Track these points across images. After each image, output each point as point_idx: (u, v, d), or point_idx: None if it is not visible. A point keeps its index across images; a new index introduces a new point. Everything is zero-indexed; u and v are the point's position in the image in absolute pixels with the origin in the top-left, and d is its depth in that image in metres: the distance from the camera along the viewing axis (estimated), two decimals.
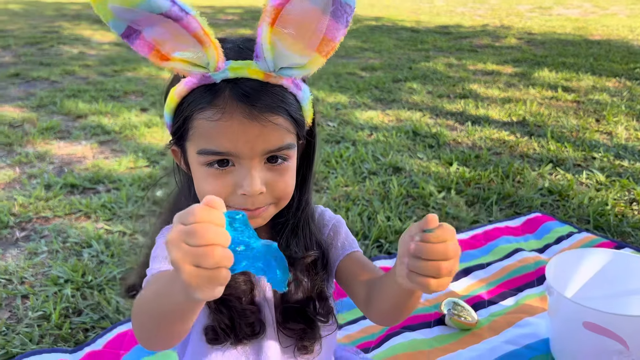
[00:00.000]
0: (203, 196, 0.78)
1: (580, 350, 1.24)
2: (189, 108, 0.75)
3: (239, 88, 0.73)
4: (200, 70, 0.72)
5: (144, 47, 0.70)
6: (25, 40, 6.27)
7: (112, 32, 0.68)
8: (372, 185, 2.36)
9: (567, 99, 3.81)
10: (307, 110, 0.80)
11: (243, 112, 0.72)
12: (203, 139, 0.75)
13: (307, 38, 0.70)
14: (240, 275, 0.84)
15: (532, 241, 1.92)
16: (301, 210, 0.88)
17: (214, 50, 0.70)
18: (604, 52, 5.52)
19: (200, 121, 0.74)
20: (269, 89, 0.74)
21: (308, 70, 0.74)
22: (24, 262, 1.79)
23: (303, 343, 0.89)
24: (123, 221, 2.07)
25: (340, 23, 0.70)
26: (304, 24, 0.70)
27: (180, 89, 0.75)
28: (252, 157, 0.75)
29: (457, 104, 3.70)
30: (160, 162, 2.65)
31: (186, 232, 0.53)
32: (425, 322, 1.47)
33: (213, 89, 0.73)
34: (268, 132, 0.74)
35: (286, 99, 0.76)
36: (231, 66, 0.72)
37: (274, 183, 0.78)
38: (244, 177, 0.75)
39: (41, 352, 1.34)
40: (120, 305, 1.56)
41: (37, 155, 2.75)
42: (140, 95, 3.98)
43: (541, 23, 7.88)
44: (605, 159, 2.66)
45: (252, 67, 0.73)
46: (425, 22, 8.20)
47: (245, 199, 0.77)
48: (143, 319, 0.70)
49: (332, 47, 0.72)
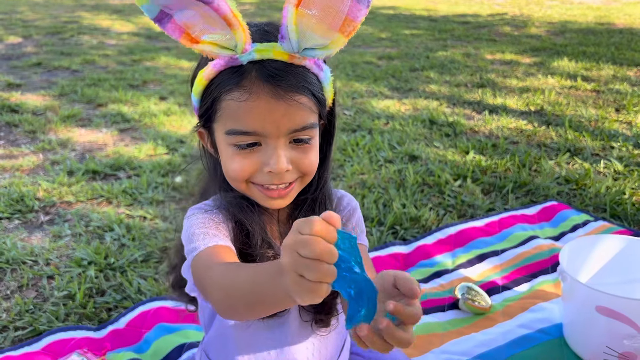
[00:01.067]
0: (230, 175, 0.82)
1: (592, 335, 1.26)
2: (217, 90, 0.78)
3: (265, 69, 0.75)
4: (228, 53, 0.75)
5: (175, 30, 0.73)
6: (46, 30, 6.37)
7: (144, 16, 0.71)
8: (388, 173, 2.37)
9: (587, 89, 3.76)
10: (328, 90, 0.83)
11: (269, 92, 0.75)
12: (231, 119, 0.78)
13: (330, 19, 0.72)
14: (270, 250, 0.87)
15: (547, 229, 1.92)
16: (320, 188, 0.91)
17: (242, 33, 0.73)
18: (625, 41, 5.43)
19: (228, 102, 0.77)
20: (293, 70, 0.77)
21: (331, 50, 0.76)
22: (48, 244, 1.85)
23: (320, 317, 0.92)
24: (144, 206, 2.12)
25: (362, 3, 0.72)
26: (328, 5, 0.72)
27: (208, 71, 0.78)
28: (278, 136, 0.78)
29: (475, 93, 3.68)
30: (180, 149, 2.69)
31: (300, 241, 0.53)
32: (439, 306, 1.49)
33: (240, 71, 0.76)
34: (293, 112, 0.77)
35: (309, 79, 0.78)
36: (257, 48, 0.75)
37: (299, 160, 0.81)
38: (271, 156, 0.78)
39: (67, 329, 1.39)
40: (142, 286, 1.60)
41: (59, 142, 2.81)
42: (159, 84, 4.03)
43: (562, 12, 7.77)
44: (624, 149, 2.64)
45: (277, 49, 0.75)
46: (443, 11, 8.13)
47: (271, 176, 0.80)
48: (233, 301, 0.71)
49: (353, 27, 0.74)
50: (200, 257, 0.80)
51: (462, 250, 1.77)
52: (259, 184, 0.82)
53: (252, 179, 0.82)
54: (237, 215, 0.87)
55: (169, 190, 2.24)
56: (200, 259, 0.80)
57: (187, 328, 1.38)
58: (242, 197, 0.87)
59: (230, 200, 0.87)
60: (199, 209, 0.88)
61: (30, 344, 1.34)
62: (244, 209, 0.87)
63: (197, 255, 0.80)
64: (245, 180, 0.82)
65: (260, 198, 0.84)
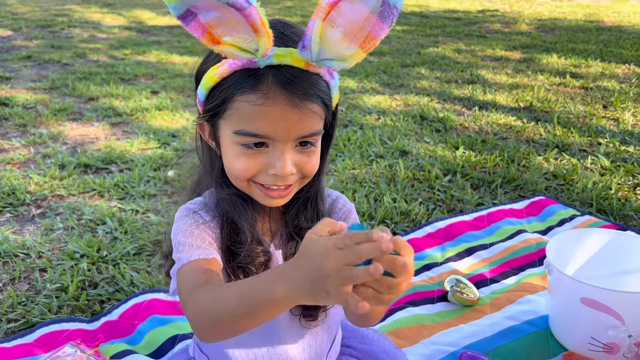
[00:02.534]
0: (233, 173, 0.84)
1: (577, 326, 1.29)
2: (230, 89, 0.78)
3: (282, 75, 0.76)
4: (247, 55, 0.75)
5: (198, 29, 0.73)
6: (36, 23, 6.32)
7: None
8: (379, 168, 2.40)
9: (575, 86, 3.81)
10: (335, 96, 0.85)
11: (285, 99, 0.76)
12: (243, 120, 0.78)
13: (354, 35, 0.74)
14: (259, 246, 0.88)
15: (535, 223, 1.95)
16: (313, 187, 0.92)
17: (266, 39, 0.73)
18: (614, 38, 5.49)
19: (242, 103, 0.77)
20: (308, 77, 0.78)
21: (348, 63, 0.77)
22: (40, 237, 1.85)
23: (309, 311, 0.93)
24: (135, 200, 2.12)
25: (386, 23, 0.73)
26: (353, 22, 0.73)
27: (223, 69, 0.78)
28: (287, 141, 0.79)
29: (465, 90, 3.71)
30: (172, 143, 2.70)
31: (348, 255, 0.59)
32: (428, 298, 1.52)
33: (256, 74, 0.76)
34: (305, 119, 0.78)
35: (321, 86, 0.80)
36: (275, 53, 0.75)
37: (303, 164, 0.83)
38: (277, 159, 0.79)
39: (60, 321, 1.40)
40: (135, 278, 1.61)
41: (50, 135, 2.81)
42: (151, 78, 4.02)
43: (551, 9, 7.83)
44: (610, 145, 2.68)
45: (295, 55, 0.76)
46: (435, 7, 8.16)
47: (275, 178, 0.81)
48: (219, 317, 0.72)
49: (373, 44, 0.75)
50: (183, 271, 0.82)
51: (451, 244, 1.80)
52: (260, 183, 0.83)
53: (255, 178, 0.83)
54: (228, 214, 0.88)
55: (161, 183, 2.25)
56: (183, 273, 0.82)
57: (180, 320, 1.39)
58: (236, 194, 0.88)
59: (223, 197, 0.88)
60: (187, 210, 0.89)
61: (23, 336, 1.35)
62: (237, 206, 0.88)
63: (181, 268, 0.83)
64: (248, 179, 0.83)
65: (260, 197, 0.85)
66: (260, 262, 0.88)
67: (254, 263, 0.88)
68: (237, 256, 0.87)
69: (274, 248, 0.92)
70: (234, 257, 0.87)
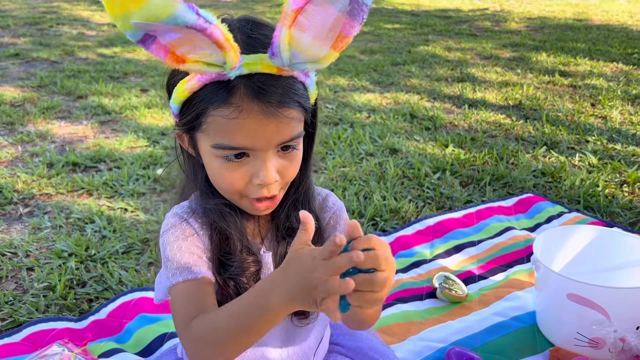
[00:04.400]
0: (222, 188, 0.83)
1: (564, 321, 1.30)
2: (202, 104, 0.76)
3: (254, 84, 0.74)
4: (215, 70, 0.73)
5: (160, 51, 0.70)
6: (24, 20, 6.26)
7: None
8: (369, 166, 2.40)
9: (564, 84, 3.84)
10: (313, 93, 0.83)
11: (259, 110, 0.74)
12: (219, 134, 0.76)
13: (324, 37, 0.72)
14: (249, 256, 0.87)
15: (523, 220, 1.97)
16: (302, 187, 0.91)
17: (233, 54, 0.70)
18: (602, 37, 5.53)
19: (216, 118, 0.75)
20: (282, 83, 0.76)
21: (321, 64, 0.75)
22: (28, 236, 1.84)
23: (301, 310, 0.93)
24: (124, 198, 2.11)
25: (356, 21, 0.71)
26: (322, 24, 0.71)
27: (192, 84, 0.76)
28: (267, 149, 0.78)
29: (455, 88, 3.73)
30: (161, 141, 2.69)
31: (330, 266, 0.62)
32: (417, 295, 1.52)
33: (228, 86, 0.74)
34: (283, 127, 0.76)
35: (297, 90, 0.78)
36: (245, 62, 0.73)
37: (285, 170, 0.82)
38: (260, 168, 0.78)
39: (47, 320, 1.39)
40: (123, 277, 1.61)
41: (38, 134, 2.79)
42: (140, 76, 4.00)
43: (541, 8, 7.87)
44: (598, 142, 2.70)
45: (266, 62, 0.74)
46: (425, 5, 8.18)
47: (260, 187, 0.80)
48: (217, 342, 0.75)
49: (346, 42, 0.73)
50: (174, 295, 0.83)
51: (440, 241, 1.81)
52: (248, 195, 0.82)
53: (243, 191, 0.82)
54: (216, 223, 0.86)
55: (151, 182, 2.24)
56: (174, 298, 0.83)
57: (168, 318, 1.39)
58: (223, 204, 0.87)
59: (210, 208, 0.87)
60: (175, 217, 0.88)
61: (10, 335, 1.34)
62: (225, 215, 0.86)
63: (172, 289, 0.83)
64: (238, 192, 0.82)
65: (248, 208, 0.85)
66: (251, 272, 0.88)
67: (245, 274, 0.87)
68: (228, 267, 0.86)
69: (265, 250, 0.91)
70: (224, 268, 0.87)
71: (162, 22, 0.63)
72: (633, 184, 2.23)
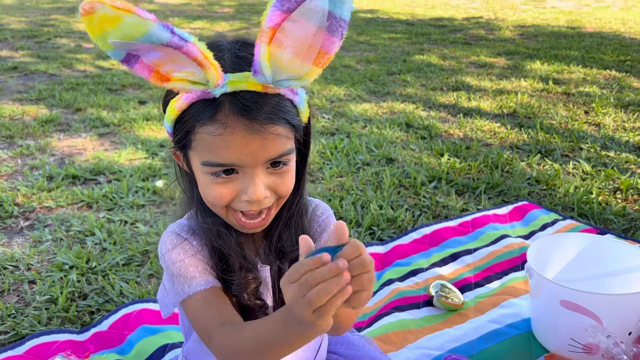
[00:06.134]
0: (210, 201, 0.84)
1: (558, 328, 1.32)
2: (191, 122, 0.78)
3: (239, 102, 0.75)
4: (200, 87, 0.74)
5: (144, 69, 0.72)
6: (22, 33, 6.30)
7: None
8: (366, 176, 2.43)
9: (558, 91, 3.88)
10: (303, 111, 0.84)
11: (244, 126, 0.75)
12: (206, 151, 0.78)
13: (304, 53, 0.73)
14: (249, 274, 0.89)
15: (518, 228, 2.00)
16: (295, 204, 0.92)
17: (213, 71, 0.72)
18: (595, 44, 5.59)
19: (203, 135, 0.77)
20: (268, 100, 0.77)
21: (305, 81, 0.76)
22: (29, 249, 1.86)
23: None
24: (124, 210, 2.14)
25: (336, 37, 0.72)
26: (301, 41, 0.72)
27: (180, 103, 0.78)
28: (255, 166, 0.79)
29: (450, 97, 3.77)
30: (160, 153, 2.71)
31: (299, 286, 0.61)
32: (414, 303, 1.55)
33: (213, 103, 0.76)
34: (269, 143, 0.77)
35: (284, 107, 0.78)
36: (230, 80, 0.75)
37: (276, 186, 0.82)
38: (248, 185, 0.79)
39: (50, 333, 1.41)
40: (124, 289, 1.63)
41: (38, 147, 2.81)
42: (138, 88, 4.04)
43: (535, 16, 7.95)
44: (592, 150, 2.74)
45: (250, 80, 0.75)
46: (420, 15, 8.25)
47: (249, 203, 0.81)
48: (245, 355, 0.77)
49: (327, 58, 0.74)
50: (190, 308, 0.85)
51: (436, 249, 1.83)
52: (237, 209, 0.83)
53: (231, 205, 0.83)
54: (213, 242, 0.88)
55: (150, 194, 2.27)
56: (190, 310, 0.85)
57: (170, 329, 1.41)
58: (218, 223, 0.88)
59: (206, 228, 0.89)
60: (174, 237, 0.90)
61: (13, 348, 1.36)
62: (221, 235, 0.88)
63: (186, 302, 0.85)
64: (225, 207, 0.83)
65: (236, 226, 0.86)
66: (252, 289, 0.89)
67: (247, 291, 0.89)
68: (230, 284, 0.88)
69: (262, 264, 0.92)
70: (226, 285, 0.89)
71: (138, 40, 0.65)
72: (626, 191, 2.27)
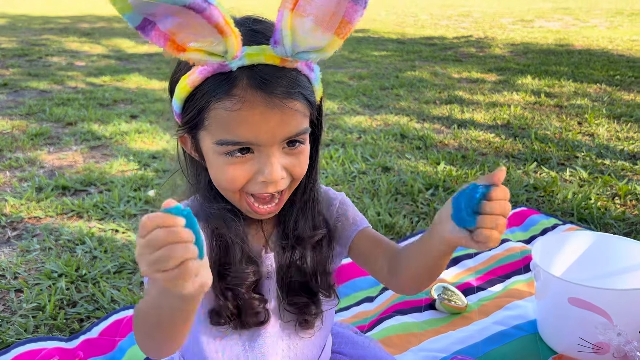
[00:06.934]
0: (223, 185, 0.79)
1: (566, 327, 1.28)
2: (205, 98, 0.74)
3: (257, 75, 0.72)
4: (216, 59, 0.70)
5: (160, 38, 0.68)
6: (13, 52, 6.27)
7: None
8: (362, 184, 2.40)
9: (550, 104, 3.90)
10: (318, 90, 0.81)
11: (263, 101, 0.72)
12: (222, 129, 0.74)
13: (326, 22, 0.70)
14: (250, 266, 0.85)
15: (518, 233, 1.96)
16: (309, 189, 0.88)
17: (234, 40, 0.68)
18: (584, 61, 5.65)
19: (219, 111, 0.73)
20: (285, 74, 0.74)
21: (325, 53, 0.73)
22: (16, 258, 1.80)
23: (305, 317, 0.89)
24: (115, 220, 2.08)
25: (359, 5, 0.69)
26: (324, 8, 0.69)
27: (194, 77, 0.74)
28: (272, 144, 0.75)
29: (443, 109, 3.77)
30: (152, 164, 2.67)
31: (143, 245, 0.55)
32: (416, 306, 1.50)
33: (229, 78, 0.72)
34: (287, 119, 0.74)
35: (301, 82, 0.76)
36: (247, 53, 0.71)
37: (292, 167, 0.79)
38: (265, 164, 0.75)
39: (37, 340, 1.35)
40: (115, 296, 1.57)
41: (27, 159, 2.76)
42: (130, 103, 4.00)
43: (523, 35, 8.05)
44: (587, 158, 2.73)
45: (268, 53, 0.72)
46: (411, 34, 8.34)
47: (266, 185, 0.77)
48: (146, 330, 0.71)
49: (349, 29, 0.71)
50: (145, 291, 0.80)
51: None
52: (251, 193, 0.79)
53: (245, 188, 0.79)
54: (218, 230, 0.83)
55: (142, 203, 2.21)
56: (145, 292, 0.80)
57: None
58: (225, 209, 0.84)
59: (213, 212, 0.84)
60: None
61: None
62: (227, 221, 0.83)
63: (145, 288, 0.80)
64: (239, 190, 0.79)
65: (248, 212, 0.82)
66: (251, 282, 0.85)
67: (245, 284, 0.84)
68: (226, 276, 0.84)
69: (268, 251, 0.89)
70: (222, 277, 0.84)
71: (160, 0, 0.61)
72: (624, 197, 2.25)
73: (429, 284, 0.88)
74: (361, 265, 0.95)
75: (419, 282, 0.87)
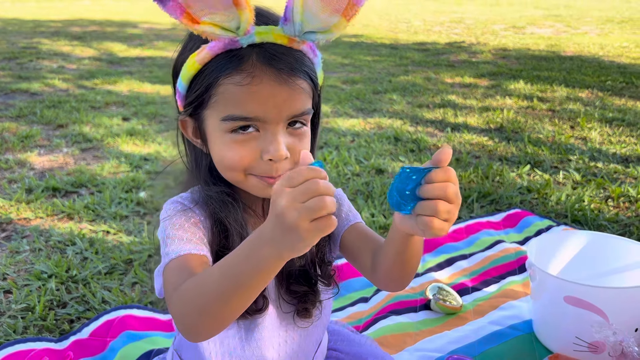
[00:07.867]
0: (227, 164, 0.79)
1: (562, 326, 1.27)
2: (213, 74, 0.76)
3: (266, 52, 0.74)
4: (228, 34, 0.73)
5: (176, 9, 0.70)
6: (3, 55, 6.22)
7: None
8: (356, 185, 2.39)
9: (543, 108, 3.91)
10: (320, 74, 0.84)
11: (272, 76, 0.74)
12: (230, 104, 0.75)
13: (335, 2, 0.72)
14: None
15: (512, 234, 1.96)
16: None
17: (248, 13, 0.71)
18: (576, 66, 5.69)
19: (228, 86, 0.75)
20: (293, 53, 0.76)
21: (331, 34, 0.76)
22: (5, 259, 1.77)
23: (305, 306, 0.89)
24: (107, 221, 2.06)
25: None
26: None
27: (204, 54, 0.75)
28: (278, 122, 0.76)
29: (437, 113, 3.77)
30: (144, 166, 2.64)
31: (297, 193, 0.56)
32: (411, 307, 1.49)
33: (239, 54, 0.74)
34: (295, 97, 0.76)
35: (307, 62, 0.78)
36: (257, 30, 0.74)
37: (294, 148, 0.79)
38: (270, 142, 0.76)
39: (25, 341, 1.32)
40: (106, 296, 1.54)
41: (17, 161, 2.73)
42: (122, 105, 3.98)
43: (515, 41, 8.11)
44: (580, 161, 2.74)
45: (277, 32, 0.74)
46: (404, 39, 8.37)
47: (270, 165, 0.77)
48: (205, 304, 0.67)
49: (355, 11, 0.74)
50: (170, 267, 0.76)
51: (431, 255, 1.78)
52: (257, 175, 0.79)
53: (251, 170, 0.79)
54: (216, 213, 0.83)
55: (134, 205, 2.19)
56: (170, 270, 0.76)
57: (155, 335, 1.33)
58: (225, 193, 0.84)
59: (211, 195, 0.83)
60: (176, 205, 0.84)
61: None
62: (226, 205, 0.83)
63: (169, 264, 0.77)
64: (243, 170, 0.79)
65: (259, 188, 0.81)
66: None
67: None
68: None
69: None
70: None
71: None
72: (617, 199, 2.25)
73: (404, 279, 0.84)
74: (351, 262, 0.94)
75: (391, 276, 0.84)
